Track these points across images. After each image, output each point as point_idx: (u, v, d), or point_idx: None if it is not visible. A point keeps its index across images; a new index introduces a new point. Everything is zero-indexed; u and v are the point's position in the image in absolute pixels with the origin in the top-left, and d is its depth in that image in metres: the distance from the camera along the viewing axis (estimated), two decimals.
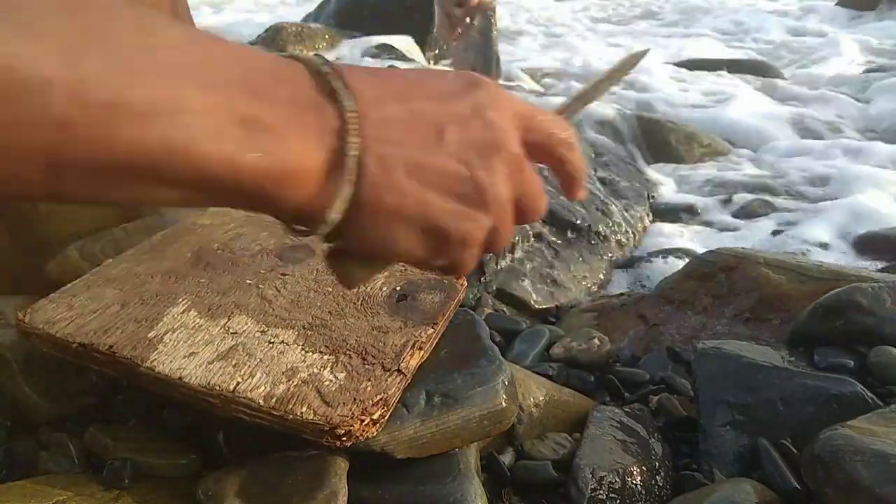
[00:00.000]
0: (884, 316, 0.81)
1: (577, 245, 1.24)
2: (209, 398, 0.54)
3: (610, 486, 0.62)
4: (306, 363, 0.58)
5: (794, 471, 0.64)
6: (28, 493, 0.55)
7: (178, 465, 0.59)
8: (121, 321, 0.60)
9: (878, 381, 0.76)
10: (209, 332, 0.61)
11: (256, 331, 0.62)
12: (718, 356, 0.77)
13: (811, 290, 0.90)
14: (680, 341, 0.92)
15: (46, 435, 0.62)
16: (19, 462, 0.61)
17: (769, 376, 0.73)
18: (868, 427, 0.63)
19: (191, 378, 0.55)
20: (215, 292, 0.66)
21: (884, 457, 0.58)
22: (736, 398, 0.72)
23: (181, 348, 0.58)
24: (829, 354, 0.80)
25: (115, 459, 0.57)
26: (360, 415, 0.53)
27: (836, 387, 0.71)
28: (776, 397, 0.71)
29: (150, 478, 0.57)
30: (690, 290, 1.00)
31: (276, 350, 0.60)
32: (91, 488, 0.56)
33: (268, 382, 0.55)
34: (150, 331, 0.60)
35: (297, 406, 0.53)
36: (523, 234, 1.18)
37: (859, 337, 0.81)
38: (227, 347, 0.59)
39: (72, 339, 0.58)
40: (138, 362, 0.56)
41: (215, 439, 0.61)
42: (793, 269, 0.95)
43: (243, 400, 0.54)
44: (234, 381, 0.55)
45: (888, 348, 0.79)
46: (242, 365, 0.57)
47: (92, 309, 0.62)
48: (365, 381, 0.57)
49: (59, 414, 0.65)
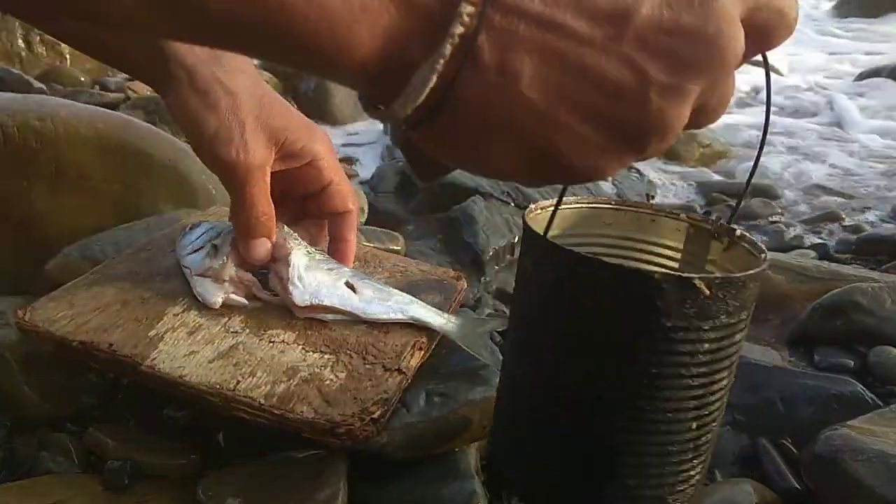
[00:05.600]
0: (884, 316, 0.81)
1: None
2: (210, 396, 0.54)
3: None
4: (307, 362, 0.58)
5: (794, 471, 0.64)
6: (28, 493, 0.54)
7: (178, 465, 0.59)
8: (121, 320, 0.60)
9: (878, 381, 0.76)
10: (209, 330, 0.61)
11: (257, 330, 0.62)
12: None
13: (811, 290, 0.90)
14: None
15: (46, 435, 0.62)
16: (19, 462, 0.61)
17: (769, 376, 0.73)
18: (868, 427, 0.63)
19: (191, 376, 0.55)
20: None
21: (884, 457, 0.58)
22: (736, 398, 0.72)
23: (181, 347, 0.58)
24: (829, 354, 0.81)
25: (115, 459, 0.57)
26: (361, 414, 0.53)
27: (836, 387, 0.71)
28: (776, 397, 0.71)
29: (150, 478, 0.57)
30: None
31: (277, 349, 0.59)
32: (91, 488, 0.56)
33: (268, 381, 0.55)
34: (150, 329, 0.60)
35: (297, 405, 0.53)
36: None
37: (859, 337, 0.81)
38: (228, 346, 0.59)
39: (72, 337, 0.58)
40: (139, 361, 0.56)
41: (215, 439, 0.61)
42: (793, 269, 0.95)
43: (244, 398, 0.54)
44: (234, 380, 0.55)
45: (888, 348, 0.79)
46: (243, 364, 0.57)
47: (92, 307, 0.62)
48: (365, 380, 0.57)
49: (59, 414, 0.65)
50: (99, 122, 0.89)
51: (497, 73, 0.27)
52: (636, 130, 0.28)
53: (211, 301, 0.63)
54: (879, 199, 1.58)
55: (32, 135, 0.84)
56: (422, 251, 1.08)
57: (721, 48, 0.27)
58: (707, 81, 0.28)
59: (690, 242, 0.54)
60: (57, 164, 0.85)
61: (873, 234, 1.31)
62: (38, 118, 0.85)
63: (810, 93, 2.77)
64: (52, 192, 0.86)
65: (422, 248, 1.10)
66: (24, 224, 0.85)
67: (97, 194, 0.88)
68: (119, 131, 0.90)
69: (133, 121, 0.96)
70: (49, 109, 0.86)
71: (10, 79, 1.53)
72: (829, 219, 1.44)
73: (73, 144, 0.86)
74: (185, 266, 0.66)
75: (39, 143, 0.84)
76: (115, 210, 0.88)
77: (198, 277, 0.65)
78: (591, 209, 0.55)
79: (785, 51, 3.49)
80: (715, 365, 0.45)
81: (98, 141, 0.88)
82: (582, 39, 0.27)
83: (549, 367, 0.47)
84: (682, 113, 0.28)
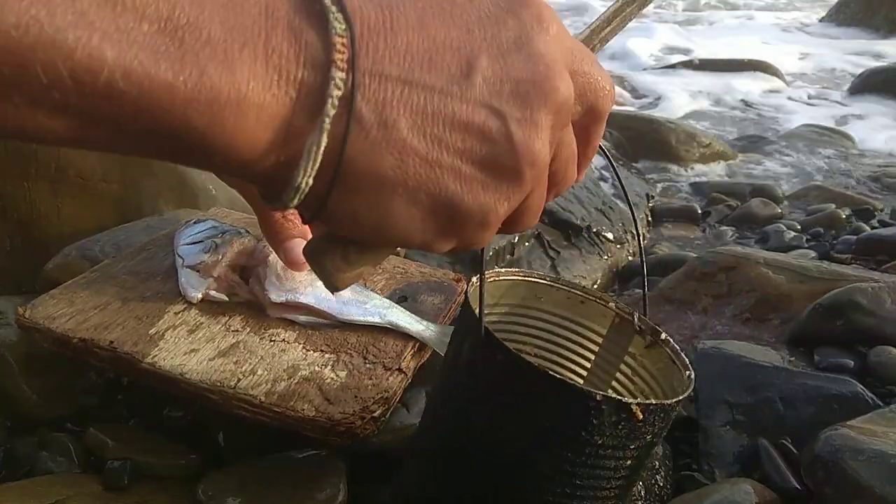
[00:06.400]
0: (884, 316, 0.81)
1: (577, 245, 1.25)
2: (210, 394, 0.54)
3: None
4: (307, 361, 0.58)
5: (794, 471, 0.64)
6: (28, 493, 0.54)
7: (178, 465, 0.59)
8: (122, 318, 0.60)
9: (878, 381, 0.76)
10: (210, 329, 0.61)
11: (257, 329, 0.62)
12: (718, 356, 0.77)
13: (811, 290, 0.90)
14: (680, 341, 0.92)
15: (46, 435, 0.62)
16: (19, 462, 0.61)
17: (769, 376, 0.73)
18: (868, 427, 0.63)
19: (192, 374, 0.55)
20: None
21: (884, 457, 0.58)
22: (736, 398, 0.72)
23: (182, 345, 0.58)
24: (829, 354, 0.81)
25: (115, 459, 0.57)
26: (362, 412, 0.53)
27: (836, 387, 0.71)
28: (776, 397, 0.71)
29: (150, 478, 0.57)
30: (690, 290, 1.00)
31: (278, 348, 0.59)
32: (91, 488, 0.56)
33: (269, 379, 0.55)
34: (151, 327, 0.60)
35: (298, 403, 0.53)
36: (522, 235, 1.18)
37: (859, 337, 0.81)
38: (229, 345, 0.59)
39: (73, 334, 0.58)
40: (139, 358, 0.56)
41: (215, 439, 0.61)
42: (793, 269, 0.95)
43: (244, 396, 0.54)
44: (235, 378, 0.55)
45: (888, 348, 0.79)
46: (244, 362, 0.57)
47: (93, 305, 0.62)
48: (366, 379, 0.57)
49: (59, 414, 0.65)
50: None
51: (379, 126, 0.29)
52: (511, 162, 0.32)
53: (191, 294, 0.63)
54: (879, 200, 1.58)
55: None
56: (422, 251, 1.08)
57: (552, 82, 0.32)
58: (552, 114, 0.32)
59: (614, 331, 0.55)
60: (57, 164, 0.85)
61: (873, 234, 1.31)
62: None
63: (810, 94, 2.78)
64: (52, 192, 0.86)
65: None
66: (24, 224, 0.85)
67: (97, 194, 0.88)
68: None
69: None
70: None
71: None
72: (830, 219, 1.44)
73: None
74: (179, 255, 0.67)
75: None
76: (115, 210, 0.88)
77: (186, 269, 0.65)
78: (527, 282, 0.55)
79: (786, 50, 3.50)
80: (633, 477, 0.46)
81: None
82: (442, 91, 0.30)
83: (473, 463, 0.46)
84: (543, 142, 0.32)
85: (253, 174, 0.31)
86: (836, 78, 3.17)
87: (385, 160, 0.30)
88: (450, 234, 0.33)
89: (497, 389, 0.44)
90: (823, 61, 3.45)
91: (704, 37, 4.12)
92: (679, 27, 4.41)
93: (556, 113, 0.32)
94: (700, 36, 4.16)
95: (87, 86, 0.25)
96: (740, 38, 4.10)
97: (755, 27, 4.49)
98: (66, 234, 0.83)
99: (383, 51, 0.29)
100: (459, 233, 0.33)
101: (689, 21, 4.74)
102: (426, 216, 0.32)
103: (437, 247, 0.34)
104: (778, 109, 2.53)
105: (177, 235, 0.70)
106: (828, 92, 2.83)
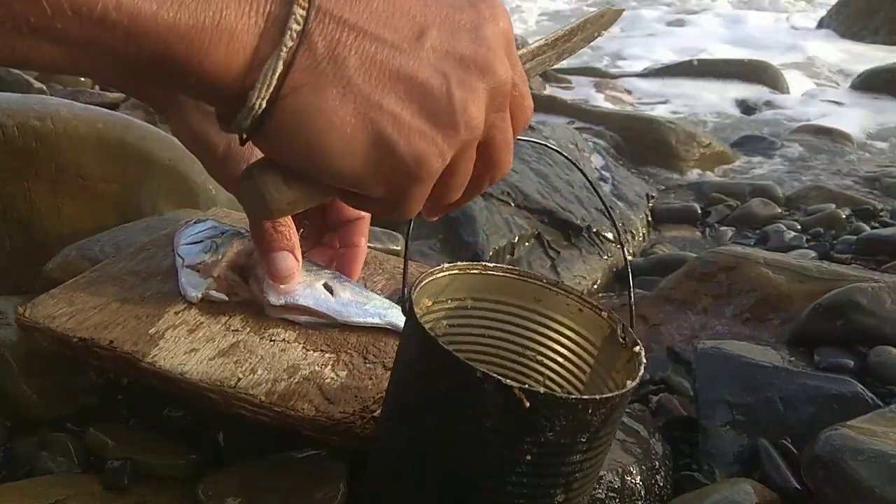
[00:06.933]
0: (884, 316, 0.81)
1: (577, 245, 1.25)
2: (210, 393, 0.54)
3: (609, 486, 0.62)
4: (307, 361, 0.58)
5: (794, 471, 0.64)
6: (28, 493, 0.54)
7: (178, 465, 0.58)
8: (122, 317, 0.60)
9: (878, 381, 0.76)
10: (210, 329, 0.61)
11: (257, 328, 0.62)
12: (718, 356, 0.77)
13: (811, 290, 0.90)
14: (680, 341, 0.92)
15: (46, 435, 0.62)
16: (19, 462, 0.61)
17: (769, 376, 0.73)
18: (868, 427, 0.63)
19: (192, 373, 0.55)
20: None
21: (884, 457, 0.58)
22: (736, 398, 0.72)
23: (182, 344, 0.58)
24: (829, 354, 0.81)
25: (115, 459, 0.57)
26: (362, 412, 0.53)
27: (836, 387, 0.71)
28: (776, 397, 0.71)
29: (150, 478, 0.57)
30: (690, 290, 1.00)
31: (278, 347, 0.59)
32: (91, 488, 0.56)
33: (269, 379, 0.55)
34: (150, 327, 0.60)
35: (298, 402, 0.53)
36: (522, 235, 1.18)
37: (859, 337, 0.81)
38: (229, 344, 0.59)
39: (72, 333, 0.58)
40: (139, 357, 0.56)
41: (215, 439, 0.61)
42: (793, 269, 0.95)
43: (244, 395, 0.54)
44: (235, 377, 0.55)
45: (888, 348, 0.79)
46: (244, 361, 0.57)
47: (93, 305, 0.61)
48: (366, 379, 0.57)
49: (59, 414, 0.65)
50: (99, 122, 0.89)
51: (329, 61, 0.32)
52: (448, 116, 0.35)
53: (191, 294, 0.63)
54: (879, 200, 1.58)
55: (32, 134, 0.84)
56: (422, 251, 1.08)
57: (493, 63, 0.36)
58: (489, 89, 0.36)
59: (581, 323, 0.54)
60: (57, 164, 0.85)
61: (873, 234, 1.31)
62: (37, 118, 0.85)
63: (810, 94, 2.78)
64: (52, 192, 0.86)
65: (422, 247, 1.10)
66: (24, 224, 0.85)
67: (97, 194, 0.88)
68: (119, 131, 0.90)
69: (133, 121, 0.96)
70: (49, 109, 0.86)
71: (10, 79, 1.53)
72: (830, 219, 1.44)
73: (73, 144, 0.86)
74: (179, 255, 0.67)
75: (39, 143, 0.84)
76: (115, 210, 0.88)
77: (186, 269, 0.65)
78: (484, 275, 0.54)
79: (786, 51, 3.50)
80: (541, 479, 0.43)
81: (98, 141, 0.88)
82: (393, 46, 0.34)
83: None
84: (479, 108, 0.35)
85: (218, 97, 0.33)
86: (836, 78, 3.17)
87: (328, 92, 0.32)
88: (381, 178, 0.35)
89: (416, 372, 0.44)
90: (823, 61, 3.46)
91: (704, 37, 4.12)
92: (678, 28, 4.42)
93: (492, 89, 0.36)
94: (700, 36, 4.16)
95: (85, 17, 0.29)
96: (740, 38, 4.11)
97: (755, 28, 4.48)
98: (66, 234, 0.83)
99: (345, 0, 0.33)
100: (391, 177, 0.36)
101: (689, 22, 4.74)
102: (360, 153, 0.34)
103: (367, 187, 0.36)
104: (778, 110, 2.54)
105: (177, 235, 0.70)
106: (828, 92, 2.83)
